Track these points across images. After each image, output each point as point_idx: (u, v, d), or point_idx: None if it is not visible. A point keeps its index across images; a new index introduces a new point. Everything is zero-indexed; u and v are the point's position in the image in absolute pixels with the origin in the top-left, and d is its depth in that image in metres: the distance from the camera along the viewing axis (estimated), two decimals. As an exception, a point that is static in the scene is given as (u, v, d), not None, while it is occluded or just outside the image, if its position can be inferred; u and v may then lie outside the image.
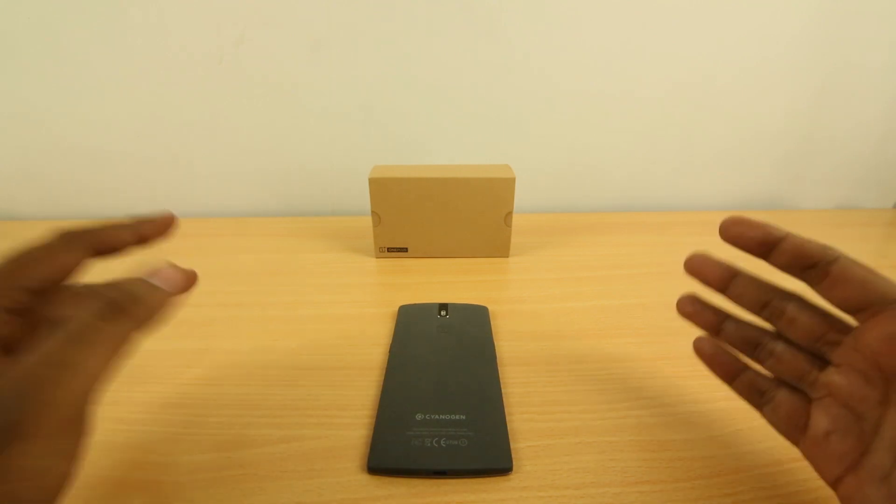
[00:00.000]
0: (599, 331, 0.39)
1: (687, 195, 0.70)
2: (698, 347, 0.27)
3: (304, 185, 0.66)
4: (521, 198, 0.54)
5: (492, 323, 0.39)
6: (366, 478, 0.26)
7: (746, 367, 0.26)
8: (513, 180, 0.48)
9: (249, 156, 0.64)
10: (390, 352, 0.35)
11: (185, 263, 0.25)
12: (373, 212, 0.49)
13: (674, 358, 0.36)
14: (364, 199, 0.55)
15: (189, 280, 0.24)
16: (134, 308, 0.21)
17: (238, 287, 0.46)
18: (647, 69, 0.62)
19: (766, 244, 0.23)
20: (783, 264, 0.23)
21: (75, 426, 0.18)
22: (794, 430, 0.23)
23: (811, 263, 0.22)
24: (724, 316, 0.26)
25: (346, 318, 0.41)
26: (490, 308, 0.41)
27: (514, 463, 0.26)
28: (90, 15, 0.55)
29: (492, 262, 0.52)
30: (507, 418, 0.29)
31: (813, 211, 0.71)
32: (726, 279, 0.25)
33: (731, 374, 0.26)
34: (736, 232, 0.24)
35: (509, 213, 0.50)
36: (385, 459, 0.26)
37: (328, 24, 0.57)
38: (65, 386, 0.17)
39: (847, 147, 0.69)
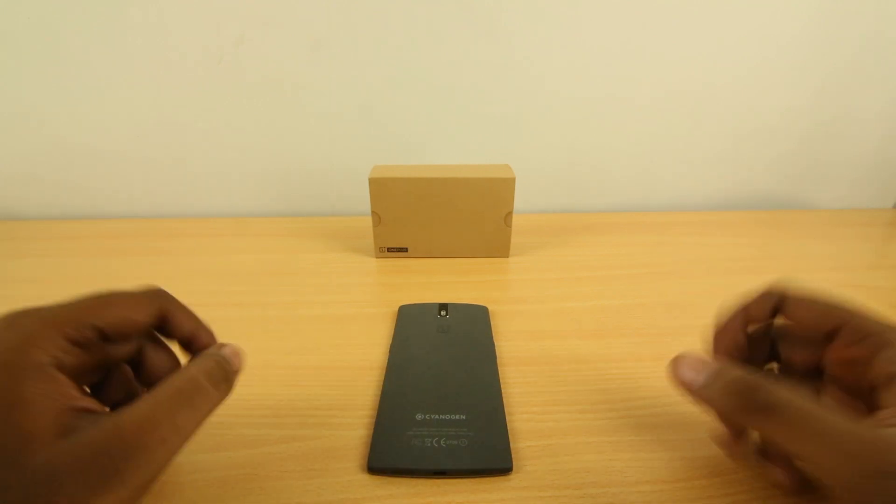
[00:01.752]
0: (599, 331, 0.39)
1: (687, 195, 0.70)
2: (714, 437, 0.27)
3: (304, 185, 0.66)
4: (521, 198, 0.54)
5: (492, 323, 0.39)
6: (366, 478, 0.26)
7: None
8: (513, 180, 0.48)
9: (249, 156, 0.64)
10: (390, 352, 0.35)
11: (186, 263, 0.25)
12: (373, 212, 0.49)
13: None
14: (364, 199, 0.55)
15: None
16: (233, 377, 0.23)
17: (238, 287, 0.46)
18: (647, 69, 0.62)
19: (740, 331, 0.25)
20: (759, 331, 0.26)
21: (152, 482, 0.19)
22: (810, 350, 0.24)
23: (770, 311, 0.25)
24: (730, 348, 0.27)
25: (346, 318, 0.41)
26: (490, 308, 0.41)
27: (514, 463, 0.26)
28: (90, 15, 0.55)
29: (492, 262, 0.52)
30: (507, 418, 0.29)
31: (813, 211, 0.71)
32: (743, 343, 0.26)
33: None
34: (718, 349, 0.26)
35: (509, 213, 0.50)
36: (385, 459, 0.26)
37: (328, 24, 0.57)
38: (170, 447, 0.19)
39: (847, 146, 0.69)
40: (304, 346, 0.37)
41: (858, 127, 0.67)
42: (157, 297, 0.24)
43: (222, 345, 0.24)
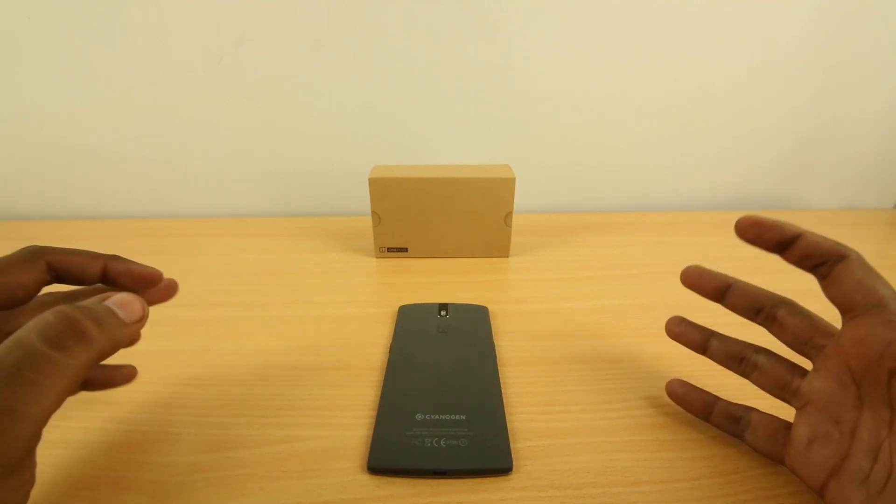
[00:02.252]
0: (599, 331, 0.39)
1: (686, 195, 0.70)
2: (671, 390, 0.29)
3: (304, 185, 0.66)
4: (521, 198, 0.54)
5: (492, 323, 0.39)
6: (366, 478, 0.26)
7: (718, 400, 0.27)
8: (513, 180, 0.48)
9: (249, 156, 0.64)
10: (390, 352, 0.35)
11: (186, 263, 0.25)
12: (373, 212, 0.49)
13: (673, 358, 0.36)
14: (364, 199, 0.55)
15: (145, 313, 0.21)
16: (94, 333, 0.18)
17: (238, 287, 0.46)
18: (647, 69, 0.62)
19: (781, 243, 0.24)
20: (795, 261, 0.24)
21: (19, 469, 0.17)
22: (775, 446, 0.25)
23: (821, 261, 0.23)
24: (709, 334, 0.28)
25: (346, 318, 0.41)
26: (490, 308, 0.41)
27: (514, 463, 0.26)
28: (90, 15, 0.55)
29: (492, 262, 0.52)
30: (507, 418, 0.29)
31: (813, 211, 0.71)
32: (722, 290, 0.27)
33: (705, 410, 0.27)
34: (753, 233, 0.24)
35: (509, 213, 0.50)
36: (385, 459, 0.26)
37: (328, 24, 0.57)
38: (3, 435, 0.15)
39: (847, 147, 0.69)
40: (304, 346, 0.37)
41: (858, 127, 0.67)
42: (38, 252, 0.22)
43: (105, 295, 0.20)
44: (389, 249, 0.52)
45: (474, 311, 0.41)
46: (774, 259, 0.25)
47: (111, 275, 0.24)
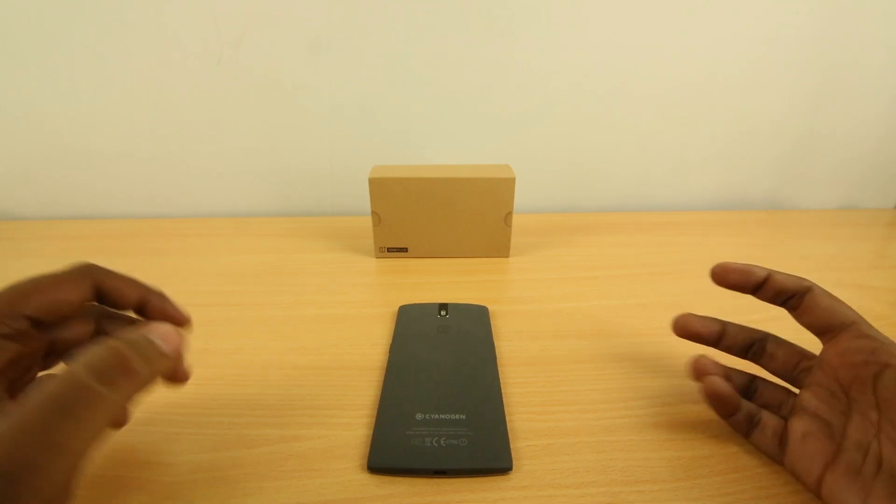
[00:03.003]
0: (599, 331, 0.39)
1: (686, 195, 0.70)
2: (709, 387, 0.28)
3: (304, 185, 0.66)
4: (521, 198, 0.54)
5: (492, 323, 0.39)
6: (366, 477, 0.26)
7: (742, 402, 0.28)
8: (513, 180, 0.48)
9: (249, 156, 0.64)
10: (390, 352, 0.35)
11: (186, 263, 0.25)
12: (373, 212, 0.49)
13: (674, 357, 0.36)
14: (364, 199, 0.55)
15: (184, 346, 0.21)
16: (141, 368, 0.18)
17: (238, 287, 0.46)
18: (647, 69, 0.62)
19: (752, 286, 0.27)
20: (768, 298, 0.28)
21: (59, 501, 0.16)
22: (778, 445, 0.26)
23: (790, 295, 0.27)
24: (728, 369, 0.30)
25: (346, 318, 0.41)
26: (490, 308, 0.41)
27: (514, 463, 0.26)
28: (90, 15, 0.55)
29: (492, 262, 0.52)
30: (507, 418, 0.29)
31: (813, 211, 0.71)
32: (718, 335, 0.30)
33: (731, 411, 0.28)
34: (727, 281, 0.28)
35: (509, 213, 0.50)
36: (385, 459, 0.26)
37: (328, 24, 0.57)
38: (47, 474, 0.15)
39: (847, 147, 0.69)
40: (304, 346, 0.37)
41: (858, 127, 0.67)
42: (88, 271, 0.23)
43: (146, 323, 0.20)
44: (389, 249, 0.52)
45: (474, 311, 0.41)
46: (775, 259, 0.26)
47: (147, 309, 0.25)
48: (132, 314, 0.26)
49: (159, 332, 0.20)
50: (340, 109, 0.61)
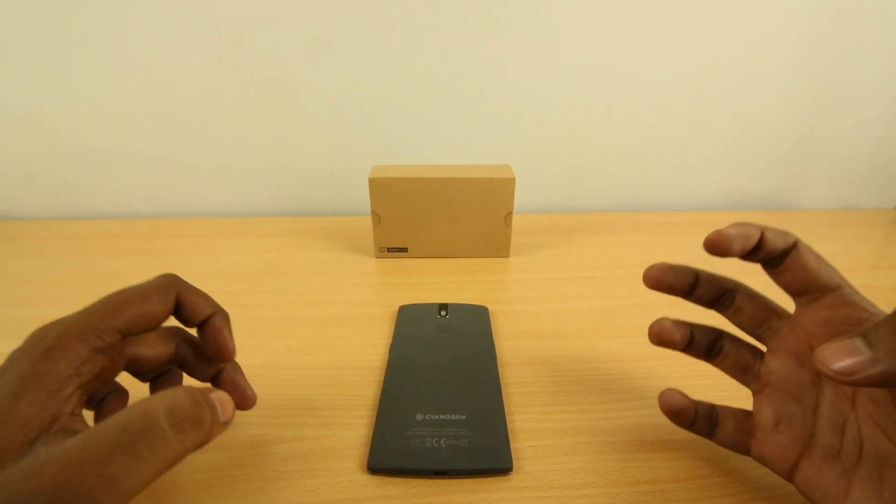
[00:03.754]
0: (599, 331, 0.39)
1: (687, 195, 0.70)
2: (665, 401, 0.27)
3: (304, 185, 0.66)
4: (521, 198, 0.54)
5: (492, 323, 0.39)
6: (366, 478, 0.26)
7: (697, 408, 0.26)
8: (513, 180, 0.48)
9: (249, 156, 0.64)
10: (390, 352, 0.35)
11: (186, 263, 0.25)
12: (373, 212, 0.49)
13: (674, 358, 0.35)
14: (364, 199, 0.55)
15: (233, 418, 0.21)
16: (207, 424, 0.19)
17: (238, 287, 0.46)
18: (647, 69, 0.62)
19: (749, 249, 0.23)
20: (751, 258, 0.24)
21: None
22: (742, 435, 0.25)
23: (776, 254, 0.23)
24: (689, 328, 0.27)
25: (346, 318, 0.41)
26: (490, 308, 0.41)
27: (514, 463, 0.26)
28: (90, 15, 0.55)
29: (492, 262, 0.52)
30: (507, 418, 0.29)
31: (813, 211, 0.71)
32: (691, 285, 0.26)
33: (689, 420, 0.26)
34: (729, 249, 0.24)
35: (509, 213, 0.50)
36: (385, 459, 0.26)
37: (328, 24, 0.57)
38: (95, 499, 0.15)
39: (847, 147, 0.69)
40: (304, 346, 0.37)
41: (858, 127, 0.67)
42: (173, 284, 0.24)
43: (212, 389, 0.21)
44: (389, 249, 0.52)
45: (474, 311, 0.41)
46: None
47: (207, 326, 0.25)
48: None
49: (218, 397, 0.20)
50: (340, 109, 0.61)
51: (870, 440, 0.20)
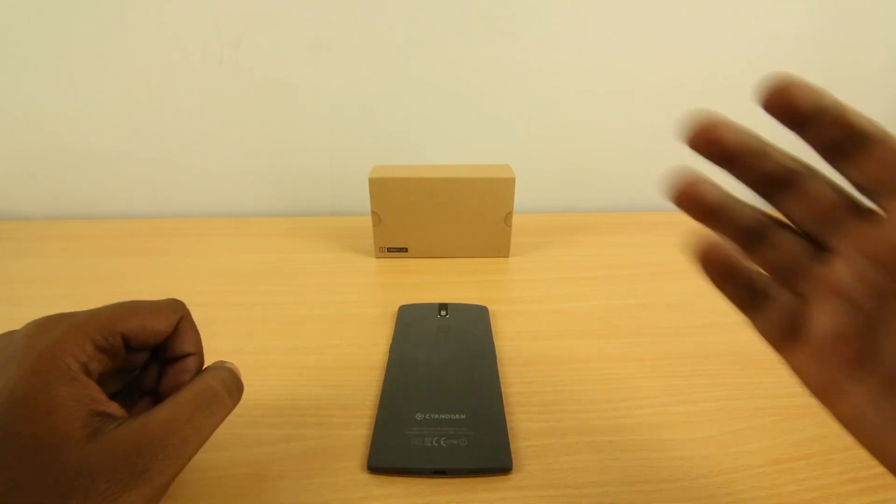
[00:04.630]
0: (599, 331, 0.39)
1: (687, 195, 0.70)
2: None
3: (304, 185, 0.66)
4: (521, 198, 0.54)
5: (492, 323, 0.39)
6: (366, 477, 0.26)
7: (741, 264, 0.20)
8: (513, 180, 0.48)
9: (249, 156, 0.64)
10: (390, 352, 0.35)
11: (186, 263, 0.25)
12: (373, 212, 0.49)
13: (674, 358, 0.36)
14: (364, 199, 0.55)
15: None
16: (241, 388, 0.24)
17: (238, 287, 0.46)
18: (647, 69, 0.62)
19: (814, 112, 0.19)
20: (815, 139, 0.20)
21: (172, 480, 0.20)
22: (784, 334, 0.19)
23: (855, 138, 0.18)
24: (729, 196, 0.21)
25: (346, 318, 0.41)
26: (490, 308, 0.41)
27: (514, 463, 0.26)
28: (90, 15, 0.55)
29: (492, 262, 0.52)
30: (507, 418, 0.29)
31: (813, 211, 0.71)
32: (756, 151, 0.21)
33: (724, 270, 0.20)
34: (790, 103, 0.19)
35: (509, 213, 0.50)
36: (385, 459, 0.26)
37: (328, 24, 0.57)
38: (191, 448, 0.20)
39: (847, 147, 0.69)
40: (304, 346, 0.37)
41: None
42: (179, 308, 0.25)
43: (224, 361, 0.25)
44: (389, 249, 0.52)
45: (474, 311, 0.41)
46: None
47: (181, 364, 0.25)
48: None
49: (236, 368, 0.25)
50: (340, 109, 0.61)
51: None
